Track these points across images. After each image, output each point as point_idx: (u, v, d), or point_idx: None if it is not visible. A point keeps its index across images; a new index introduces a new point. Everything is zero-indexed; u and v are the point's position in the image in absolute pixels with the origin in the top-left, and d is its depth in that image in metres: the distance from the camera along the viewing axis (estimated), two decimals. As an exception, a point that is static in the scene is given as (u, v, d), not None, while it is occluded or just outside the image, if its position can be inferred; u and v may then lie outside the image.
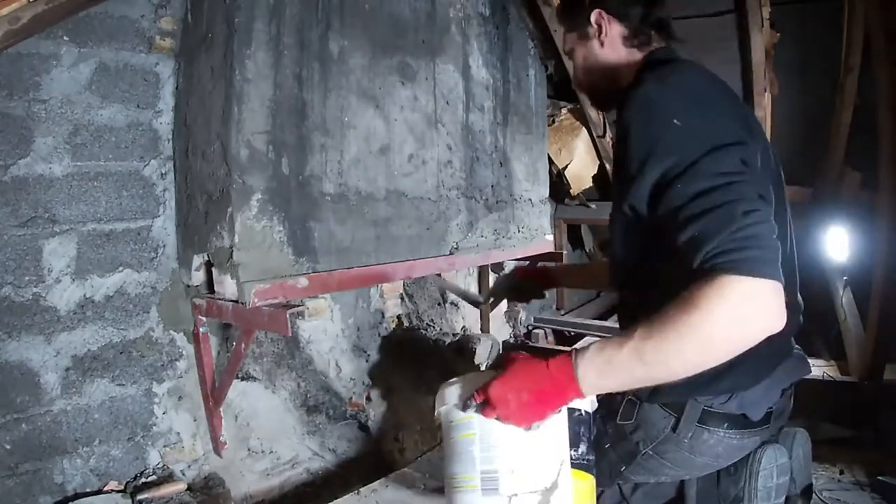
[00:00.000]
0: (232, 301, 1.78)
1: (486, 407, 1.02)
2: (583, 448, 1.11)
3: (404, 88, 2.22)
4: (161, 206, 2.01)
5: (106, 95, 1.87)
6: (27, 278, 1.73)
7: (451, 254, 2.42)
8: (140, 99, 1.94)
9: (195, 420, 2.09)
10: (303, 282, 1.83)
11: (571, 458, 1.09)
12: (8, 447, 1.69)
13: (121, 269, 1.92)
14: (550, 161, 3.31)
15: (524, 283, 1.94)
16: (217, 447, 2.09)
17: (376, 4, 2.10)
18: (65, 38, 1.77)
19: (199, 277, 1.96)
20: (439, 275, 2.67)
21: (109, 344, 1.90)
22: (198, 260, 1.92)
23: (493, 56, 2.72)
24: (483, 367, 2.79)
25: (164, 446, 2.01)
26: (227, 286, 1.78)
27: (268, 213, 1.75)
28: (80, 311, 1.84)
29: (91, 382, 1.86)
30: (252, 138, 1.72)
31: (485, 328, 3.40)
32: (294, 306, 1.72)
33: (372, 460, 2.57)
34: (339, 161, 1.96)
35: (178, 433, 2.06)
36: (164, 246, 2.01)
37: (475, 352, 2.78)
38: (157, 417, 2.01)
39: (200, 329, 2.03)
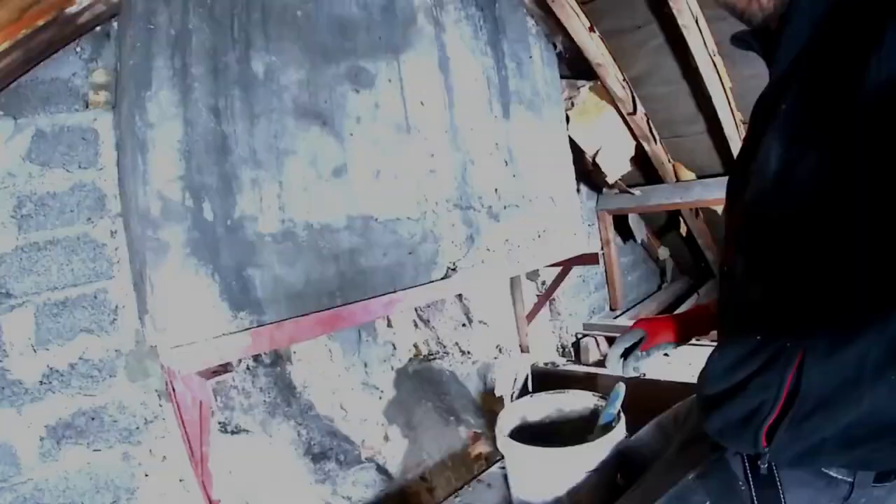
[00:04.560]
0: (170, 365, 1.65)
1: None
2: None
3: (360, 97, 1.97)
4: (114, 266, 1.94)
5: (45, 162, 1.82)
6: (-10, 355, 1.71)
7: (446, 277, 2.14)
8: (81, 159, 1.88)
9: (182, 480, 2.01)
10: (243, 339, 1.64)
11: None
12: (-5, 514, 1.70)
13: (81, 335, 1.86)
14: (580, 149, 2.92)
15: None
16: (209, 505, 2.00)
17: (311, 9, 1.87)
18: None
19: (153, 339, 1.85)
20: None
21: (80, 411, 1.86)
22: (146, 322, 1.81)
23: (481, 42, 2.39)
24: (508, 400, 2.46)
25: (150, 510, 1.94)
26: (161, 351, 1.64)
27: (191, 268, 1.59)
28: (47, 382, 1.81)
29: (67, 450, 1.83)
30: (163, 188, 1.56)
31: (524, 345, 3.06)
32: (225, 372, 1.55)
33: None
34: (277, 195, 1.75)
35: (164, 494, 1.98)
36: (123, 307, 1.93)
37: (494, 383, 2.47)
38: (139, 480, 1.94)
39: (175, 387, 1.91)
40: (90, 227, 1.88)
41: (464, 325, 2.85)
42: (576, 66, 2.87)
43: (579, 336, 3.34)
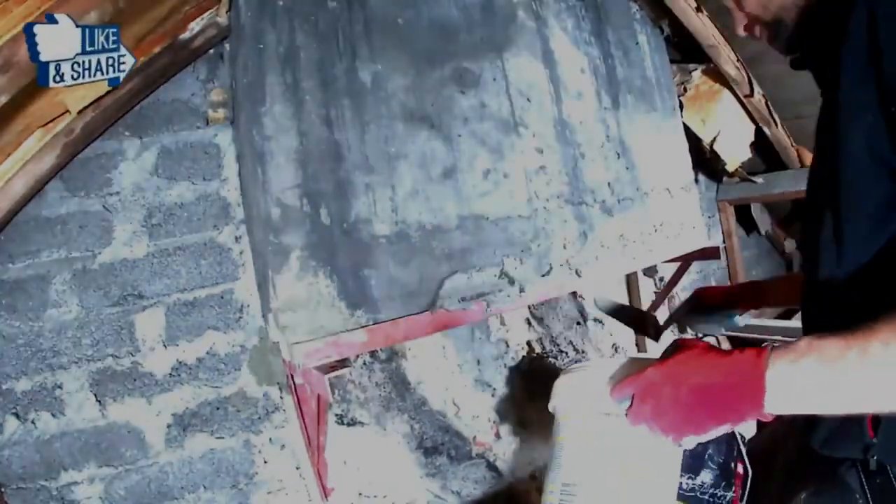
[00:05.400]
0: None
1: (634, 405, 0.84)
2: (706, 477, 0.87)
3: (465, 97, 1.96)
4: (239, 268, 2.08)
5: (172, 176, 1.98)
6: (124, 349, 1.92)
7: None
8: (205, 172, 2.03)
9: (298, 468, 2.13)
10: (360, 336, 1.68)
11: (682, 489, 0.86)
12: (122, 493, 1.91)
13: (208, 332, 2.03)
14: (696, 136, 2.74)
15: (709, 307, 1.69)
16: (324, 493, 2.10)
17: (412, 15, 1.90)
18: (126, 133, 1.92)
19: (276, 335, 1.95)
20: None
21: (205, 401, 2.03)
22: (270, 320, 1.91)
23: (584, 32, 2.30)
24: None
25: (268, 493, 2.09)
26: (283, 347, 1.72)
27: (311, 270, 1.66)
28: (175, 374, 1.99)
29: (192, 436, 2.01)
30: (282, 195, 1.64)
31: (641, 346, 2.92)
32: (343, 367, 1.60)
33: (503, 502, 2.38)
34: (391, 198, 1.79)
35: (281, 480, 2.11)
36: (248, 306, 2.07)
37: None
38: (258, 466, 2.09)
39: (296, 380, 2.03)
40: (216, 234, 2.03)
41: (578, 323, 2.77)
42: (686, 50, 2.70)
43: (699, 336, 3.14)
